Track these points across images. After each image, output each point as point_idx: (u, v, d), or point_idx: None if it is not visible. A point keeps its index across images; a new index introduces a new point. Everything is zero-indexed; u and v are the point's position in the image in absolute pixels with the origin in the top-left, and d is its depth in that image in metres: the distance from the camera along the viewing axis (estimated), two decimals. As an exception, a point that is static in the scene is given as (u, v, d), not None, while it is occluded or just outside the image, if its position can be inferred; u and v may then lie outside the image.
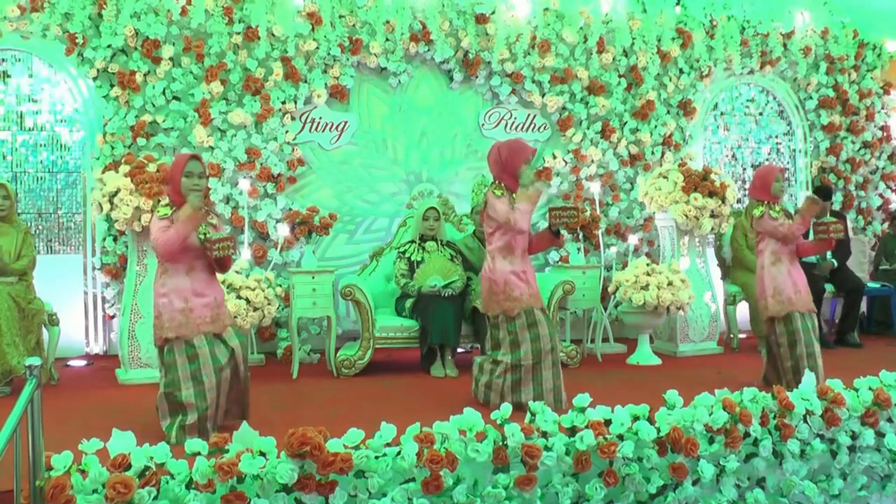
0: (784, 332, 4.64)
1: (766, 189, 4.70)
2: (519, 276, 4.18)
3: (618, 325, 6.42)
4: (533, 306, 4.18)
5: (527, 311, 4.16)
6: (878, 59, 7.80)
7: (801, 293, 4.66)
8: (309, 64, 6.24)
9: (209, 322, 3.71)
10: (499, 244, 4.21)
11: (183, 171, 3.74)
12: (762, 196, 4.71)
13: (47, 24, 5.79)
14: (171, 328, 3.65)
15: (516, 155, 4.17)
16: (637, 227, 6.97)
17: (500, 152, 4.21)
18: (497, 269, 4.19)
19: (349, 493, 2.96)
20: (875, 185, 7.85)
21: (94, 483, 2.69)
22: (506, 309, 4.18)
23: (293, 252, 6.18)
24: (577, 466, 3.21)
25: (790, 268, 4.69)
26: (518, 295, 4.16)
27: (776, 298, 4.64)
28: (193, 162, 3.78)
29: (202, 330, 3.68)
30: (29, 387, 2.55)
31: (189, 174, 3.75)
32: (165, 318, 3.67)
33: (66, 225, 6.28)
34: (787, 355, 4.63)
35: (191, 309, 3.67)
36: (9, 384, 4.72)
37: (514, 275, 4.17)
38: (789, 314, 4.62)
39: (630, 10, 6.96)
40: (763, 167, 4.92)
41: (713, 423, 3.45)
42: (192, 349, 3.64)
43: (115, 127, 5.90)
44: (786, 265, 4.68)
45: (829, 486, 3.71)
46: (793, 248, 4.74)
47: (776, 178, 4.70)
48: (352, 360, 5.27)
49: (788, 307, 4.62)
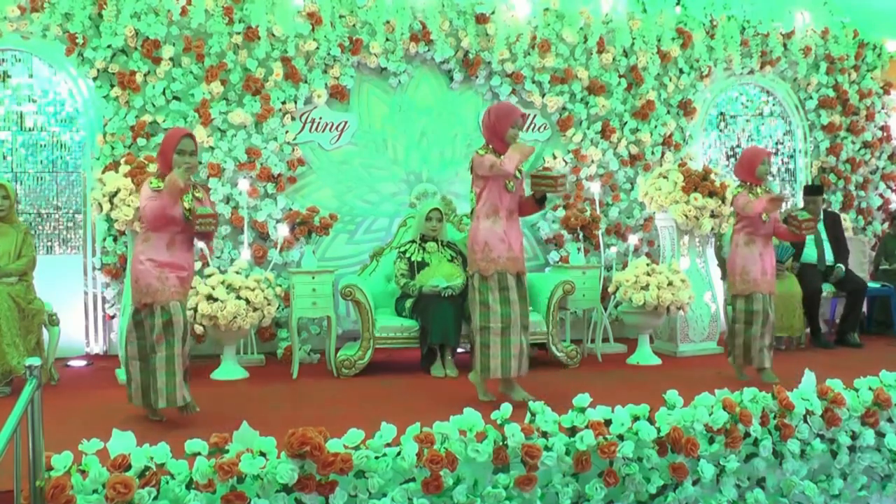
0: (742, 311, 4.86)
1: (751, 170, 4.86)
2: (500, 238, 4.18)
3: (618, 325, 6.41)
4: (507, 271, 4.17)
5: (500, 275, 4.16)
6: (879, 59, 7.80)
7: (766, 275, 4.85)
8: (309, 64, 6.24)
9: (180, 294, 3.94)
10: (484, 204, 4.22)
11: (175, 148, 3.88)
12: (746, 177, 4.89)
13: (47, 24, 5.79)
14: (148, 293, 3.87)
15: (504, 118, 4.19)
16: (637, 227, 6.97)
17: (489, 115, 4.25)
18: (479, 228, 4.21)
19: (349, 493, 2.96)
20: (875, 185, 7.84)
21: (94, 483, 2.69)
22: (481, 269, 4.19)
23: (293, 252, 6.18)
24: (577, 466, 3.21)
25: (762, 250, 4.88)
26: (495, 256, 4.16)
27: (742, 277, 4.86)
28: (186, 140, 3.93)
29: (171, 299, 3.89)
30: (29, 387, 2.55)
31: (181, 151, 3.91)
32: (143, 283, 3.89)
33: (66, 225, 6.28)
34: (740, 332, 4.86)
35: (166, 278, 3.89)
36: (9, 384, 4.72)
37: (495, 235, 4.17)
38: (752, 294, 4.82)
39: (630, 11, 6.96)
40: (750, 148, 5.06)
41: (713, 423, 3.45)
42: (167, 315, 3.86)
43: (116, 127, 5.91)
44: (758, 247, 4.87)
45: (829, 486, 3.71)
46: (769, 231, 4.89)
47: (762, 161, 4.85)
48: (352, 361, 5.27)
49: (753, 287, 4.82)
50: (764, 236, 4.87)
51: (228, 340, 5.33)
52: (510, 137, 4.18)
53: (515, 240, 4.24)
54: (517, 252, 4.23)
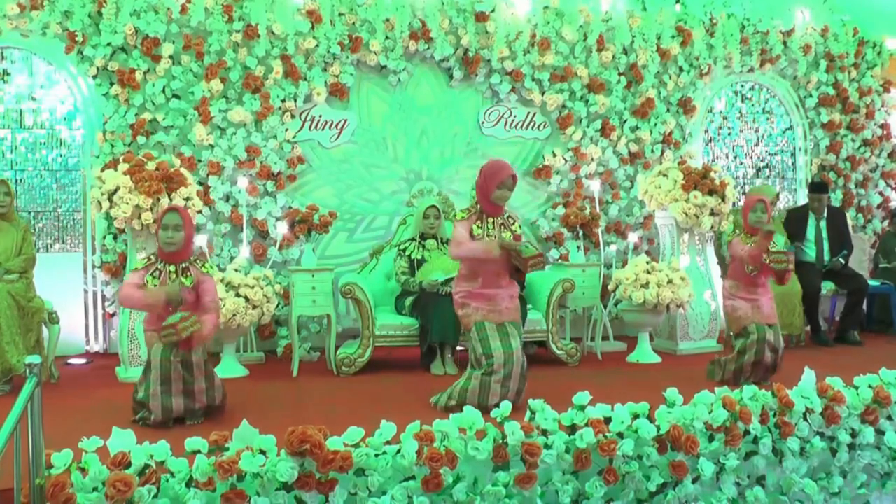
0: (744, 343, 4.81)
1: (745, 217, 4.88)
2: (477, 296, 4.13)
3: (618, 324, 6.41)
4: (485, 321, 4.10)
5: (478, 326, 4.12)
6: (878, 57, 7.79)
7: (762, 311, 4.83)
8: (309, 62, 6.23)
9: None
10: (464, 266, 4.22)
11: (161, 222, 3.90)
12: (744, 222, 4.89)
13: (47, 22, 5.78)
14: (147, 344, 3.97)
15: (492, 177, 4.07)
16: (637, 226, 6.97)
17: (480, 174, 4.16)
18: (458, 290, 4.22)
19: (349, 491, 2.96)
20: (875, 182, 7.84)
21: (94, 481, 2.70)
22: (463, 324, 4.23)
23: (293, 250, 6.18)
24: (577, 464, 3.22)
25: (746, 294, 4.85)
26: (471, 312, 4.14)
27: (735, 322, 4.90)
28: (170, 214, 3.93)
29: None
30: (29, 385, 2.55)
31: (165, 227, 3.90)
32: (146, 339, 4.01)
33: (66, 223, 6.27)
34: (733, 359, 4.86)
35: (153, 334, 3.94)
36: (9, 382, 4.72)
37: (469, 295, 4.15)
38: (746, 327, 4.82)
39: (630, 8, 6.95)
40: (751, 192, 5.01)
41: (713, 421, 3.45)
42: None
43: (115, 125, 5.90)
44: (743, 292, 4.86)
45: (828, 483, 3.72)
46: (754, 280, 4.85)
47: (753, 208, 4.82)
48: (352, 359, 5.27)
49: (745, 322, 4.84)
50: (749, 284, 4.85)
51: (228, 338, 5.34)
52: (496, 199, 4.08)
53: (501, 298, 4.15)
54: (504, 305, 4.15)
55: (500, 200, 4.11)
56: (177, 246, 3.92)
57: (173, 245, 3.91)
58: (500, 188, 4.07)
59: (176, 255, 3.96)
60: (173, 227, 3.88)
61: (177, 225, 3.88)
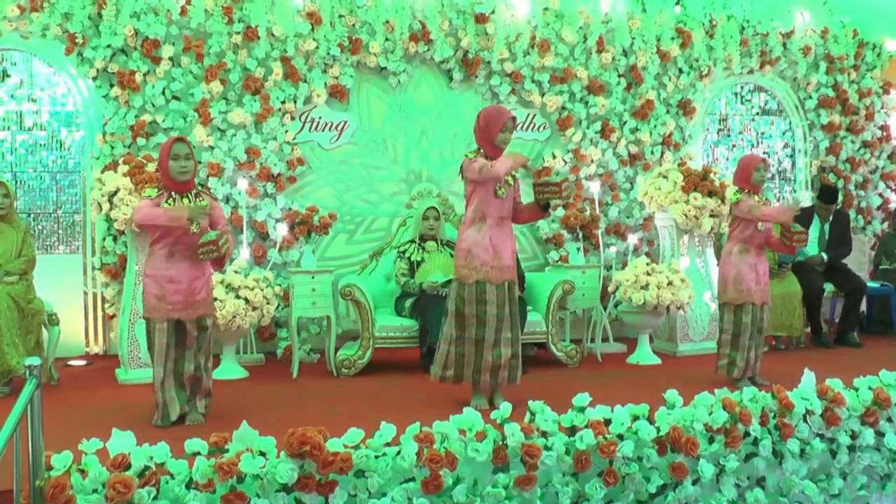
0: (731, 322, 4.79)
1: (746, 177, 4.82)
2: (485, 247, 4.07)
3: (618, 325, 6.42)
4: (489, 281, 4.05)
5: (479, 285, 4.06)
6: (878, 59, 7.79)
7: (760, 285, 4.79)
8: (308, 64, 6.24)
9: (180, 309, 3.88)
10: (471, 209, 4.13)
11: (169, 155, 3.84)
12: (742, 184, 4.83)
13: (47, 23, 5.79)
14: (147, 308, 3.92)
15: (494, 121, 4.08)
16: (637, 227, 6.97)
17: (479, 120, 4.16)
18: (465, 236, 4.12)
19: (349, 492, 2.96)
20: (875, 184, 7.84)
21: (93, 483, 2.69)
22: (461, 276, 4.10)
23: (293, 252, 6.18)
24: (576, 466, 3.21)
25: (756, 260, 4.81)
26: (478, 265, 4.06)
27: (736, 286, 4.78)
28: (178, 144, 3.88)
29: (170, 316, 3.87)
30: (29, 387, 2.55)
31: (175, 157, 3.85)
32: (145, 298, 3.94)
33: (66, 225, 6.28)
34: (727, 343, 4.79)
35: (164, 295, 3.86)
36: (8, 384, 4.72)
37: (478, 243, 4.07)
38: (743, 305, 4.75)
39: (629, 10, 6.95)
40: (745, 156, 5.03)
41: (713, 423, 3.45)
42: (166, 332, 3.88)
43: (115, 127, 5.90)
44: (752, 256, 4.81)
45: (828, 485, 3.72)
46: (762, 241, 4.84)
47: (756, 167, 4.79)
48: (351, 360, 5.27)
49: (746, 297, 4.75)
50: (758, 246, 4.82)
51: (228, 340, 5.34)
52: (500, 142, 4.09)
53: (504, 249, 4.11)
54: (505, 261, 4.10)
55: (504, 143, 4.11)
56: (190, 174, 3.87)
57: (187, 173, 3.85)
58: (503, 131, 4.08)
59: (186, 185, 3.90)
60: (184, 157, 3.84)
61: (187, 154, 3.85)
